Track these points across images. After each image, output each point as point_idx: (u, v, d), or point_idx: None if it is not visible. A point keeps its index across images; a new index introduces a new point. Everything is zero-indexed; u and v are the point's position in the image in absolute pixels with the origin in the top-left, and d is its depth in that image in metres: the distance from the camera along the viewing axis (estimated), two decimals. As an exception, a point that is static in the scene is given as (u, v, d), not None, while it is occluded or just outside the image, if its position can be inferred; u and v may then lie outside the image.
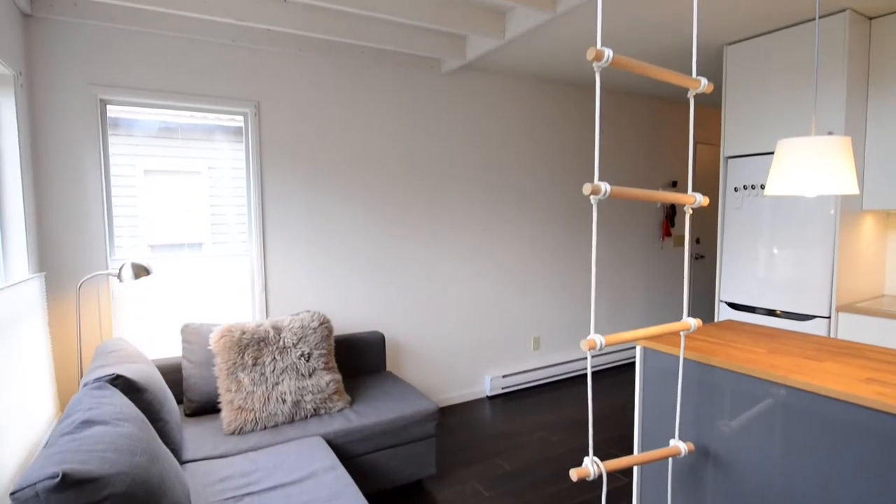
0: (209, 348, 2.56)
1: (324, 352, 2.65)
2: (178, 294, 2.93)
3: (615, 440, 3.24)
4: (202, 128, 2.98)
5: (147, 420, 1.71)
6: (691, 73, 2.77)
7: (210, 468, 2.03)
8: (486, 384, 4.04)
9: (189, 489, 1.74)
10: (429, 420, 2.62)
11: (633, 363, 4.92)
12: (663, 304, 5.13)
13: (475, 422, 3.57)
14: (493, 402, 3.93)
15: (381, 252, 3.54)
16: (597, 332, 4.65)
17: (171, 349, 2.92)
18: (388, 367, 3.63)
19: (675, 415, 1.70)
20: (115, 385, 1.83)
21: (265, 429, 2.38)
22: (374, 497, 2.64)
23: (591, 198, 1.37)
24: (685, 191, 5.21)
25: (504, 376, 4.07)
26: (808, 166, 1.57)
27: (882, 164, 2.87)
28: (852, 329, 2.80)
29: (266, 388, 2.44)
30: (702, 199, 1.63)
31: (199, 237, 3.01)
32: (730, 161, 3.36)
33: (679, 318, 5.28)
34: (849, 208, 2.88)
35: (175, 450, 2.02)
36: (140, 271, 2.53)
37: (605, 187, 1.36)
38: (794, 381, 1.56)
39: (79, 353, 2.52)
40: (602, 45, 3.33)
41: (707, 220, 5.40)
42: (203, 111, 2.96)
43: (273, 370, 2.49)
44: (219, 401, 2.47)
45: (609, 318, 4.74)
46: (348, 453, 2.42)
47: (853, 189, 1.57)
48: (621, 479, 2.76)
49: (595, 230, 1.21)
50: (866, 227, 3.01)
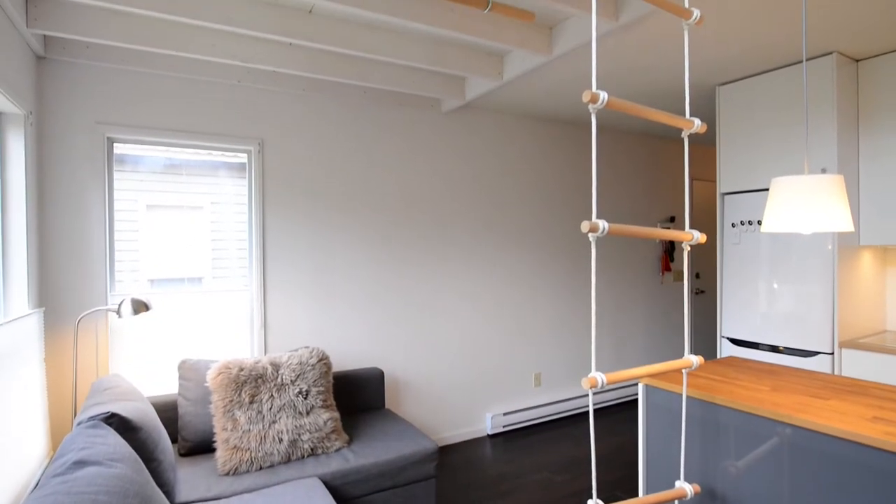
0: (206, 385, 2.53)
1: (322, 389, 2.61)
2: (177, 329, 2.91)
3: (619, 481, 3.16)
4: (206, 164, 3.03)
5: (141, 460, 1.67)
6: (685, 114, 2.85)
7: (203, 511, 1.96)
8: (487, 422, 3.97)
9: (181, 533, 1.68)
10: (428, 460, 2.56)
11: (636, 400, 4.85)
12: (665, 339, 5.09)
13: (476, 462, 3.48)
14: (494, 441, 3.84)
15: (381, 287, 3.54)
16: (598, 367, 4.60)
17: (168, 386, 2.88)
18: (388, 405, 3.57)
19: (680, 455, 1.66)
20: (109, 423, 1.80)
21: (261, 469, 2.32)
22: (371, 542, 2.55)
23: (590, 235, 1.38)
24: (683, 226, 5.25)
25: (505, 414, 4.00)
26: (802, 204, 1.59)
27: (877, 201, 2.90)
28: (856, 365, 2.77)
29: (263, 426, 2.39)
30: (699, 237, 1.65)
31: (199, 272, 3.01)
32: (726, 197, 3.41)
33: (681, 354, 5.22)
34: (846, 244, 2.90)
35: (168, 491, 1.97)
36: (139, 307, 2.52)
37: (603, 225, 1.37)
38: (800, 420, 1.54)
39: (74, 390, 2.49)
40: (597, 87, 3.43)
41: (707, 255, 5.43)
42: (208, 149, 3.02)
43: (270, 408, 2.45)
44: (214, 440, 2.42)
45: (611, 354, 4.70)
46: (346, 495, 2.36)
47: (848, 226, 1.58)
48: (627, 523, 2.67)
49: (594, 268, 1.21)
50: (865, 262, 3.02)
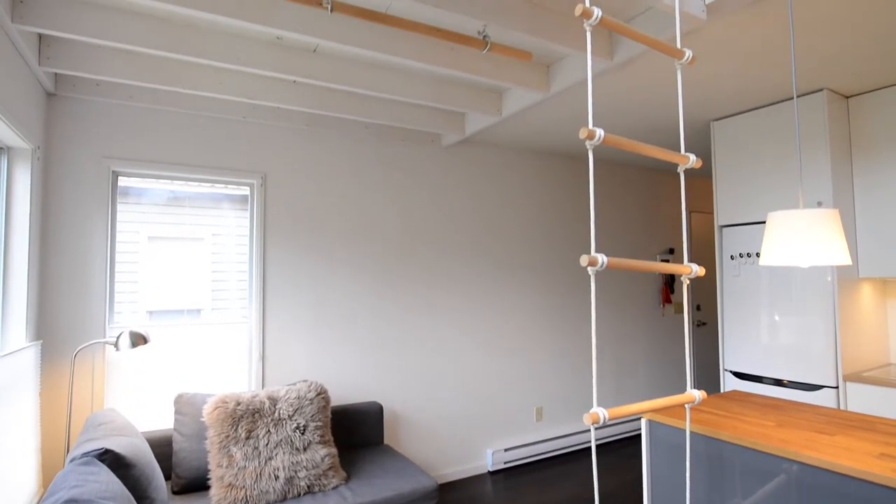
0: (202, 420, 2.49)
1: (320, 424, 2.57)
2: (174, 362, 2.89)
3: (624, 520, 3.07)
4: (209, 196, 3.06)
5: (133, 499, 1.63)
6: (680, 149, 2.88)
7: (195, 552, 1.90)
8: (488, 458, 3.88)
9: (172, 577, 1.63)
10: (428, 499, 2.50)
11: (640, 435, 4.75)
12: (668, 371, 5.03)
13: (477, 500, 3.39)
14: (495, 478, 3.75)
15: (381, 320, 3.53)
16: (600, 401, 4.53)
17: (164, 420, 2.83)
18: (386, 440, 3.50)
19: (686, 493, 1.62)
20: (102, 460, 1.77)
21: (255, 508, 2.26)
22: (368, 585, 2.46)
23: (589, 269, 1.39)
24: (683, 257, 5.27)
25: (506, 450, 3.92)
26: (799, 238, 1.60)
27: (874, 233, 2.93)
28: (861, 400, 2.74)
29: (259, 462, 2.34)
30: (698, 270, 1.66)
31: (198, 304, 3.01)
32: (724, 230, 3.43)
33: (684, 386, 5.15)
34: (846, 276, 2.90)
35: (159, 532, 1.91)
36: (138, 340, 2.51)
37: (601, 259, 1.38)
38: (807, 456, 1.51)
39: (68, 425, 2.45)
40: (593, 122, 3.50)
41: (707, 287, 5.42)
42: (211, 182, 3.06)
43: (267, 444, 2.40)
44: (209, 477, 2.36)
45: (613, 387, 4.63)
46: (342, 535, 2.29)
47: (845, 260, 1.59)
48: (633, 565, 2.59)
49: (594, 302, 1.22)
50: (865, 294, 3.02)
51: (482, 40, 2.23)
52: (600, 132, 1.39)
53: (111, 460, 1.79)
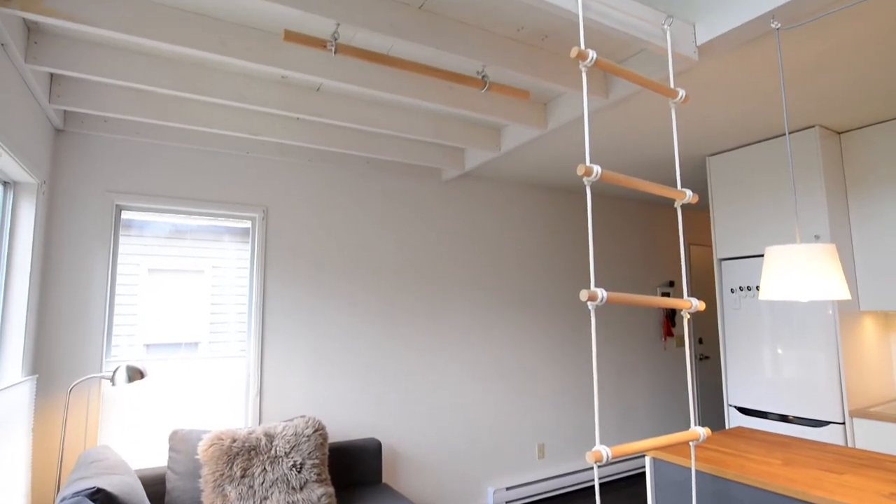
0: (196, 457, 2.44)
1: (317, 461, 2.51)
2: (170, 396, 2.85)
3: (631, 564, 2.96)
4: (210, 229, 3.09)
5: (123, 541, 1.58)
6: (677, 184, 2.90)
7: None
8: (489, 497, 3.78)
9: None
10: (427, 540, 2.42)
11: (645, 473, 4.63)
12: (671, 406, 4.95)
13: (477, 541, 3.28)
14: (497, 518, 3.64)
15: (380, 354, 3.50)
16: (603, 437, 4.44)
17: (158, 457, 2.77)
18: (385, 477, 3.41)
19: (692, 535, 1.58)
20: (94, 499, 1.72)
21: (249, 551, 2.19)
22: None
23: (589, 304, 1.39)
24: (683, 291, 5.26)
25: (508, 488, 3.82)
26: (797, 273, 1.61)
27: (873, 266, 2.93)
28: (869, 436, 2.69)
29: (253, 502, 2.28)
30: (698, 304, 1.66)
31: (196, 337, 2.99)
32: (723, 263, 3.44)
33: (688, 420, 5.06)
34: (847, 309, 2.89)
35: (149, 576, 1.85)
36: (134, 374, 2.48)
37: (601, 294, 1.39)
38: (815, 496, 1.48)
39: (59, 463, 2.40)
40: (591, 156, 3.56)
41: (709, 320, 5.39)
42: (213, 216, 3.09)
43: (262, 482, 2.34)
44: (202, 517, 2.30)
45: (616, 422, 4.55)
46: (338, 580, 2.20)
47: (845, 294, 1.60)
48: None
49: (594, 337, 1.22)
50: (867, 328, 3.00)
51: (481, 80, 2.29)
52: (597, 169, 1.42)
53: (103, 499, 1.74)
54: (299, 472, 2.44)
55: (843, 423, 2.77)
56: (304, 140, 2.95)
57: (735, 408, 3.30)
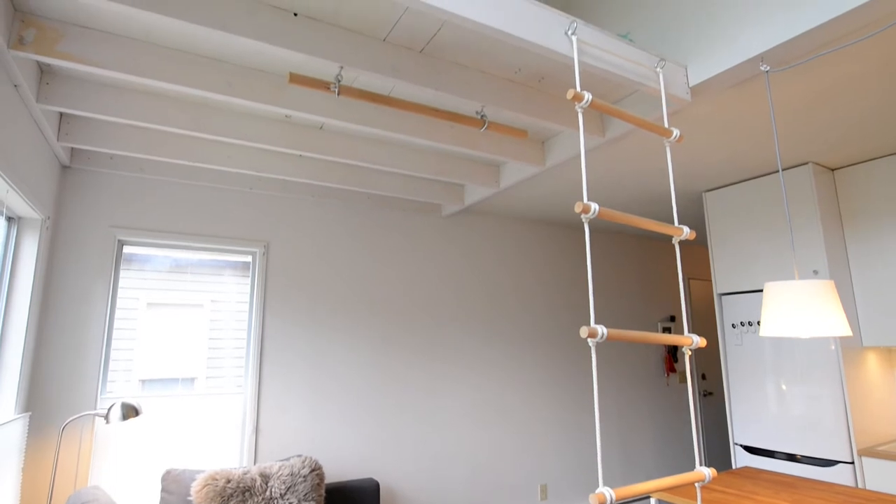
0: (189, 499, 2.37)
1: (313, 503, 2.44)
2: (165, 434, 2.79)
3: None
4: (210, 263, 3.10)
5: (111, 589, 1.52)
6: (674, 220, 2.93)
7: None
8: (490, 541, 3.65)
9: None
10: (426, 588, 2.32)
11: (651, 515, 4.49)
12: (676, 444, 4.84)
13: (478, 589, 3.15)
14: (498, 564, 3.50)
15: (379, 393, 3.45)
16: (607, 476, 4.32)
17: (151, 498, 2.69)
18: (382, 521, 3.31)
19: (701, 583, 1.52)
20: (82, 545, 1.67)
21: None
22: None
23: (589, 341, 1.39)
24: (683, 325, 5.22)
25: (509, 531, 3.69)
26: (797, 309, 1.61)
27: (873, 301, 2.93)
28: (879, 476, 2.62)
29: (247, 547, 2.21)
30: (699, 341, 1.65)
31: (193, 372, 2.96)
32: (723, 298, 3.44)
33: (694, 458, 4.93)
34: (849, 345, 2.87)
35: None
36: (129, 412, 2.44)
37: (601, 330, 1.38)
38: (826, 541, 1.43)
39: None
40: (588, 192, 3.61)
41: (711, 354, 5.34)
42: (215, 250, 3.11)
43: (256, 525, 2.27)
44: (192, 563, 2.22)
45: (619, 461, 4.44)
46: None
47: (846, 331, 1.59)
48: None
49: (595, 374, 1.21)
50: (871, 364, 2.97)
51: (480, 119, 2.35)
52: (595, 206, 1.44)
53: (91, 545, 1.69)
54: (295, 514, 2.37)
55: (852, 463, 2.71)
56: (306, 176, 3.00)
57: (741, 446, 3.23)
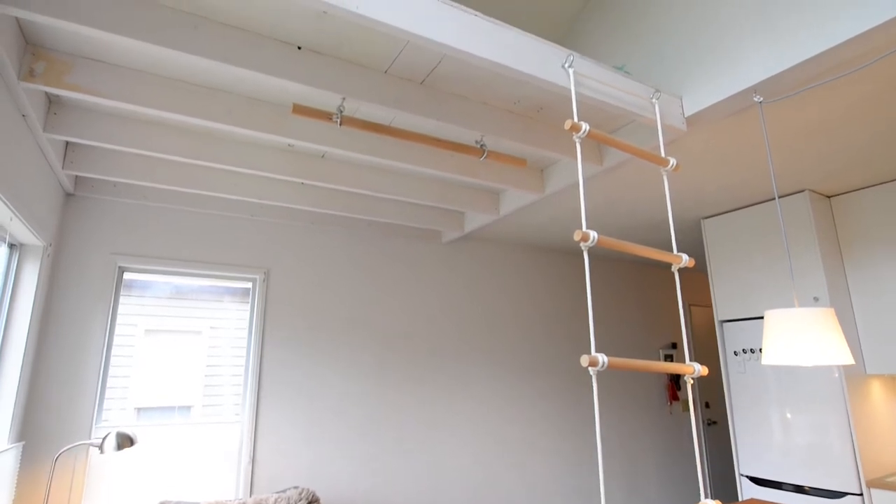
0: (183, 533, 2.31)
1: (309, 537, 2.38)
2: (160, 463, 2.74)
3: None
4: (210, 289, 3.09)
5: None
6: (672, 248, 2.95)
7: None
8: (491, 577, 3.54)
9: None
10: None
11: (656, 549, 4.36)
12: (680, 475, 4.74)
13: None
14: None
15: (377, 424, 3.39)
16: (611, 510, 4.22)
17: (140, 533, 2.63)
18: (380, 556, 3.21)
19: None
20: (71, 581, 1.62)
21: None
22: None
23: (590, 370, 1.38)
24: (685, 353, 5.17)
25: (511, 567, 3.58)
26: (798, 338, 1.61)
27: (875, 329, 2.91)
28: (890, 509, 2.56)
29: (240, 583, 2.14)
30: (700, 369, 1.64)
31: (190, 400, 2.92)
32: (724, 325, 3.42)
33: (698, 492, 4.82)
34: (853, 373, 2.84)
35: None
36: (124, 442, 2.40)
37: (602, 359, 1.38)
38: (836, 578, 1.39)
39: (37, 539, 2.27)
40: (587, 219, 3.63)
41: (715, 382, 5.27)
42: (215, 277, 3.11)
43: (251, 561, 2.21)
44: None
45: (623, 495, 4.33)
46: None
47: (847, 359, 1.58)
48: None
49: (597, 404, 1.20)
50: (876, 392, 2.94)
51: (480, 149, 2.38)
52: (594, 235, 1.45)
53: (80, 581, 1.64)
54: (290, 549, 2.30)
55: (861, 495, 2.65)
56: (307, 204, 3.02)
57: (747, 477, 3.17)
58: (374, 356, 3.47)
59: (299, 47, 1.80)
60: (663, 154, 1.85)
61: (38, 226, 2.27)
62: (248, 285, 3.20)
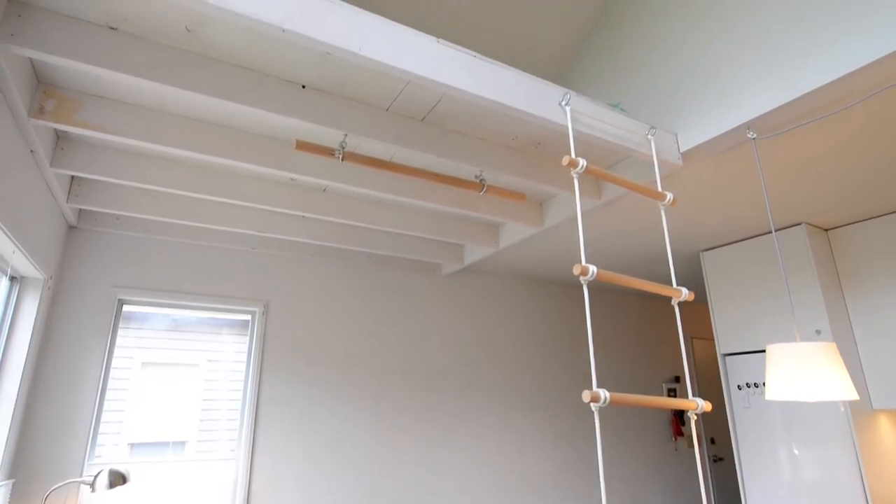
0: (173, 576, 2.23)
1: (304, 581, 2.30)
2: (152, 501, 2.67)
3: None
4: (209, 322, 3.08)
5: None
6: (671, 282, 2.97)
7: None
8: None
9: None
10: None
11: None
12: (687, 516, 4.60)
13: None
14: None
15: (375, 464, 3.32)
16: (617, 551, 4.08)
17: (129, 576, 2.54)
18: None
19: None
20: None
21: None
22: None
23: (592, 406, 1.36)
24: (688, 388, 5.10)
25: None
26: (801, 372, 1.59)
27: (879, 362, 2.88)
28: (904, 551, 2.48)
29: None
30: (703, 405, 1.62)
31: (184, 436, 2.87)
32: (727, 358, 3.39)
33: (708, 533, 4.67)
34: (860, 407, 2.80)
35: None
36: (116, 480, 2.35)
37: (604, 395, 1.36)
38: None
39: (22, 583, 2.19)
40: (586, 252, 3.65)
41: (720, 417, 5.18)
42: (215, 310, 3.10)
43: None
44: None
45: (629, 534, 4.20)
46: None
47: (852, 395, 1.57)
48: None
49: (599, 441, 1.18)
50: (883, 427, 2.89)
51: (479, 183, 2.42)
52: (593, 269, 1.46)
53: None
54: None
55: (874, 536, 2.57)
56: (307, 237, 3.04)
57: (756, 517, 3.08)
58: (371, 393, 3.42)
59: (303, 86, 1.85)
60: (660, 188, 1.88)
61: (40, 259, 2.28)
62: (248, 318, 3.19)
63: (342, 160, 2.03)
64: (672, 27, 2.30)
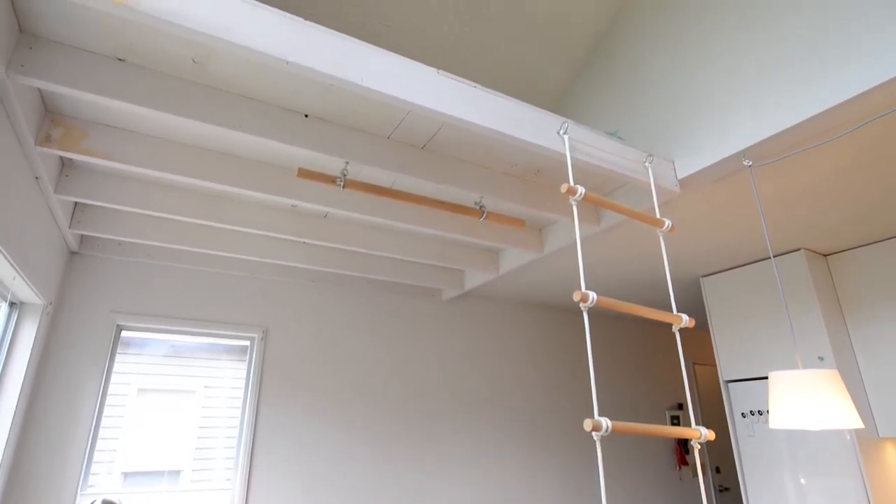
0: None
1: None
2: (144, 538, 2.60)
3: None
4: (207, 347, 3.06)
5: None
6: (671, 308, 2.96)
7: None
8: None
9: None
10: None
11: None
12: (694, 549, 4.47)
13: None
14: None
15: (374, 497, 3.25)
16: (622, 587, 3.96)
17: None
18: None
19: None
20: None
21: None
22: None
23: (594, 434, 1.35)
24: (690, 416, 5.02)
25: None
26: (803, 400, 1.58)
27: (883, 391, 2.85)
28: (918, 587, 2.40)
29: None
30: (707, 434, 1.60)
31: (179, 464, 2.81)
32: (730, 385, 3.35)
33: (715, 567, 4.53)
34: (866, 435, 2.76)
35: None
36: (109, 510, 2.30)
37: (605, 423, 1.35)
38: None
39: None
40: (585, 277, 3.65)
41: (724, 445, 5.09)
42: (213, 336, 3.08)
43: None
44: None
45: (634, 568, 4.08)
46: None
47: (856, 423, 1.55)
48: None
49: (602, 470, 1.16)
50: (890, 455, 2.84)
51: (479, 210, 2.44)
52: (593, 296, 1.46)
53: None
54: None
55: (886, 570, 2.50)
56: (308, 262, 3.05)
57: (764, 550, 2.99)
58: (370, 421, 3.38)
59: (306, 115, 1.88)
60: (658, 215, 1.89)
61: (41, 285, 2.28)
62: (246, 343, 3.17)
63: (343, 187, 2.05)
64: (668, 57, 2.35)
